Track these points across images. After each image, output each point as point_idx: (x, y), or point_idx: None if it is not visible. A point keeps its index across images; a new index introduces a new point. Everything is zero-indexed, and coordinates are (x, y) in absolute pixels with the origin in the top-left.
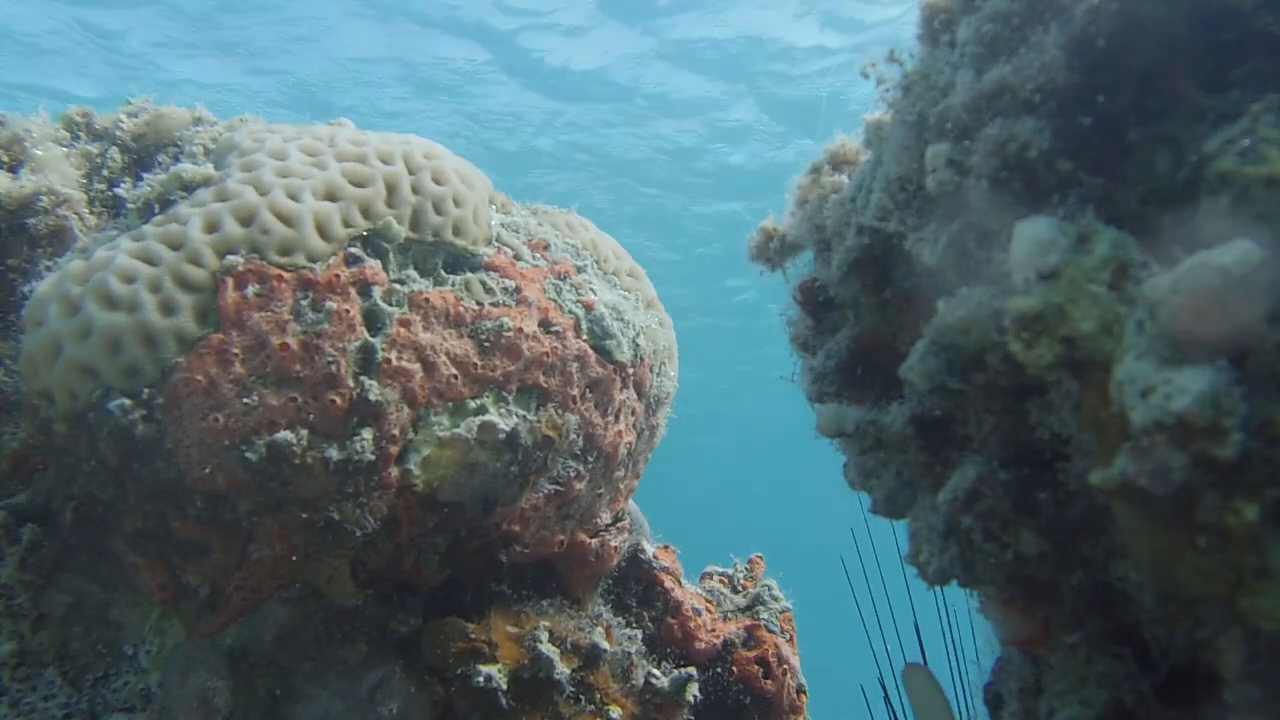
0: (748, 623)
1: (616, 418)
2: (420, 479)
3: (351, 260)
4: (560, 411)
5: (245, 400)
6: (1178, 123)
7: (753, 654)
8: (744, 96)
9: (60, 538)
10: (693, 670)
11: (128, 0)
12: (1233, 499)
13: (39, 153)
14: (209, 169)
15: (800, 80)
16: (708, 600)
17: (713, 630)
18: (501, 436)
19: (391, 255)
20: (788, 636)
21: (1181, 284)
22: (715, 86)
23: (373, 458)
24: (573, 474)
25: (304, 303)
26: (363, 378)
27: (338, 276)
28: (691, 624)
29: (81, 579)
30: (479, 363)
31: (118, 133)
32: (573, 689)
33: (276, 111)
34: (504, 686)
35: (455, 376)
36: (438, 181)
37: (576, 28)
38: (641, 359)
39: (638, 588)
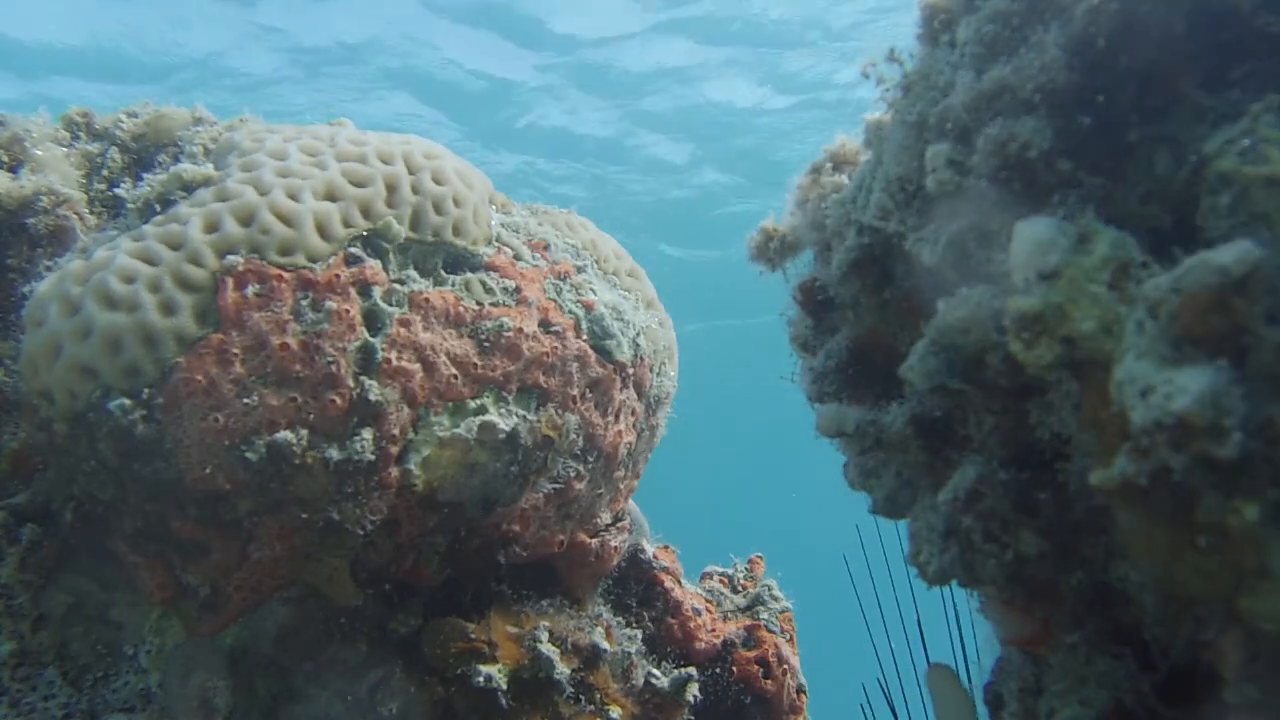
0: (748, 623)
1: (616, 418)
2: (420, 479)
3: (351, 260)
4: (560, 411)
5: (245, 400)
6: (1178, 123)
7: (753, 654)
8: None
9: (60, 538)
10: (693, 670)
11: None
12: (1233, 499)
13: (39, 153)
14: (209, 169)
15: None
16: (708, 600)
17: (713, 630)
18: (501, 436)
19: (391, 255)
20: (788, 636)
21: (1181, 284)
22: None
23: (373, 458)
24: (573, 474)
25: (304, 303)
26: (363, 378)
27: (338, 276)
28: (691, 624)
29: (81, 579)
30: (479, 363)
31: (118, 133)
32: (573, 689)
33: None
34: (504, 686)
35: (455, 376)
36: (438, 181)
37: None
38: (641, 359)
39: (638, 588)
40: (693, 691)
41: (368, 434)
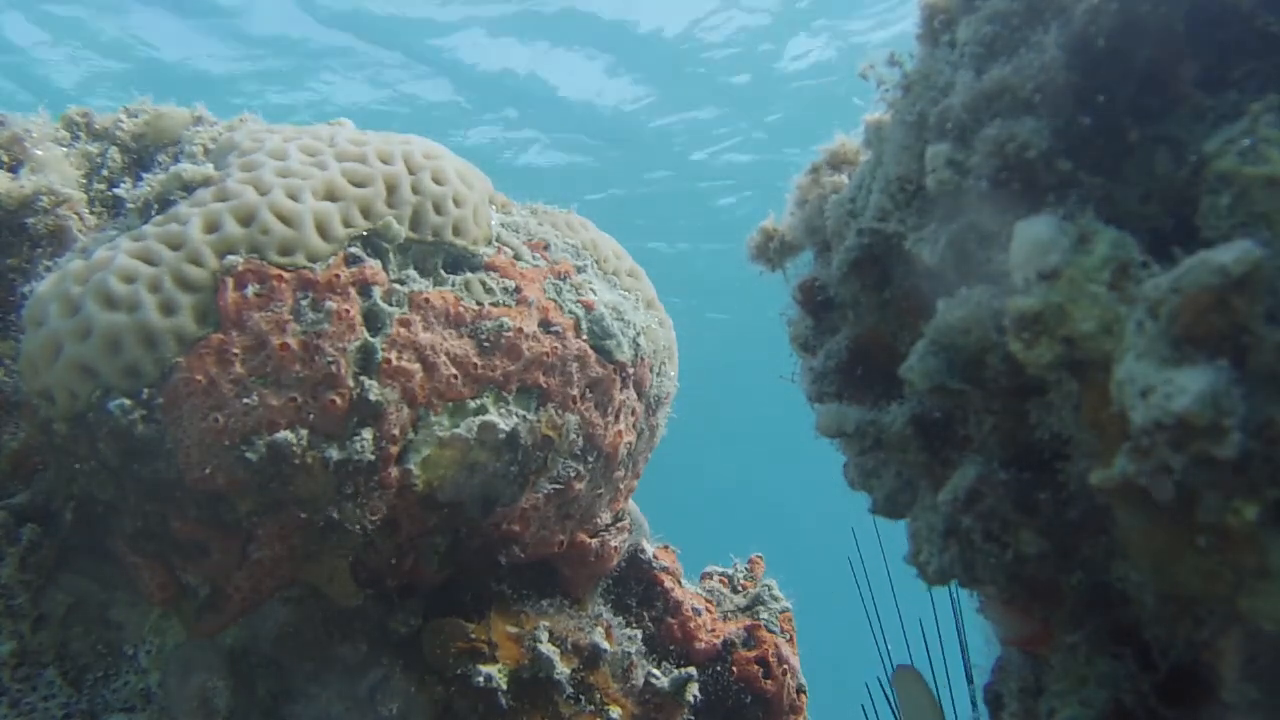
0: (748, 623)
1: (616, 418)
2: (420, 479)
3: (351, 260)
4: (560, 411)
5: (245, 400)
6: (1178, 123)
7: (753, 654)
8: None
9: (60, 538)
10: (693, 670)
11: None
12: (1233, 499)
13: (39, 153)
14: (209, 169)
15: None
16: (708, 600)
17: (713, 630)
18: (501, 436)
19: (391, 255)
20: (788, 636)
21: (1181, 284)
22: None
23: (373, 458)
24: (573, 474)
25: (304, 303)
26: (363, 378)
27: (338, 276)
28: (691, 624)
29: (81, 579)
30: (479, 363)
31: (117, 133)
32: (573, 689)
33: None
34: (504, 686)
35: (455, 376)
36: (438, 181)
37: None
38: (641, 359)
39: (638, 588)
40: (693, 691)
41: (368, 434)
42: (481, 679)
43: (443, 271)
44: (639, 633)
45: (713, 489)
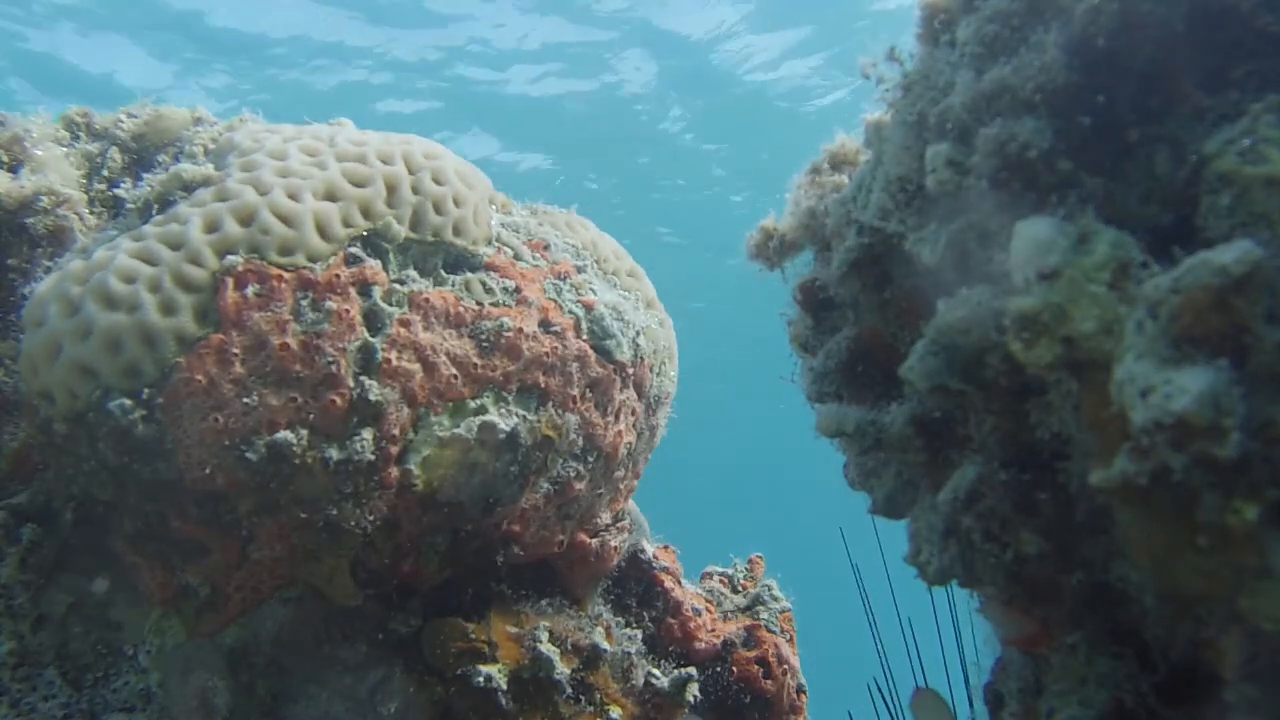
0: (748, 623)
1: (616, 418)
2: (420, 479)
3: (351, 260)
4: (560, 411)
5: (245, 400)
6: (1178, 123)
7: (753, 654)
8: None
9: (60, 538)
10: (693, 670)
11: None
12: (1233, 499)
13: (39, 153)
14: (209, 169)
15: None
16: (708, 600)
17: (713, 630)
18: (501, 436)
19: (391, 255)
20: (788, 636)
21: (1181, 284)
22: None
23: (373, 458)
24: (573, 474)
25: (304, 303)
26: (363, 378)
27: (338, 276)
28: (691, 624)
29: (81, 579)
30: (479, 363)
31: (118, 133)
32: (573, 689)
33: None
34: (504, 686)
35: (455, 376)
36: (438, 181)
37: None
38: (641, 359)
39: (638, 588)
40: (693, 691)
41: (368, 434)
42: (481, 679)
43: (443, 271)
44: (639, 633)
45: (713, 489)
